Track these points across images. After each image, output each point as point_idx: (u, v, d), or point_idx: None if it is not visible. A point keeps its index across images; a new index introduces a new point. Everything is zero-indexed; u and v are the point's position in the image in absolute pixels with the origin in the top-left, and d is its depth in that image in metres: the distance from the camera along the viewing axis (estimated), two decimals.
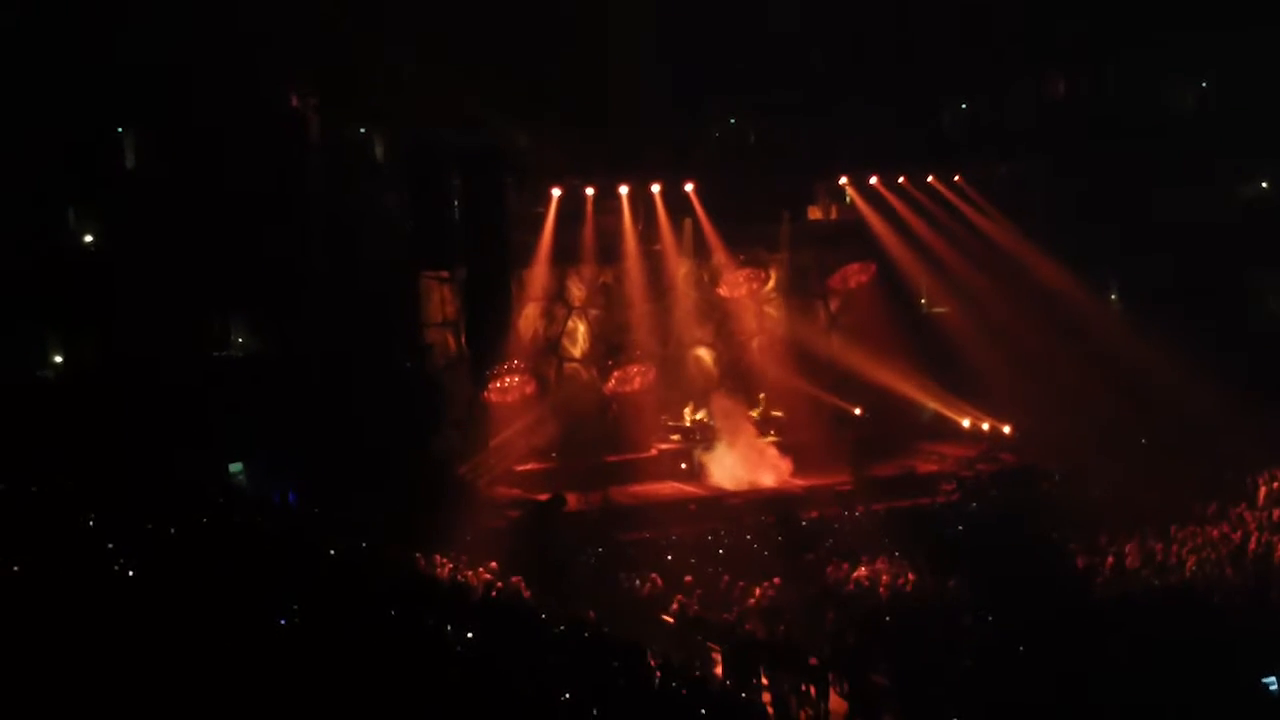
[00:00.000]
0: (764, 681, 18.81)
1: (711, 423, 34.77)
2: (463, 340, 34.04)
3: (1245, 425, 30.81)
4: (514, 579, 24.47)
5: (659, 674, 16.44)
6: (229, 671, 11.83)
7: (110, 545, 15.90)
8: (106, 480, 21.92)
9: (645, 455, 34.60)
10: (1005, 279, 36.41)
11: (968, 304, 37.30)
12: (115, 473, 23.06)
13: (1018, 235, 36.55)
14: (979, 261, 36.73)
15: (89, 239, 30.60)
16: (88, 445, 24.26)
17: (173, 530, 18.07)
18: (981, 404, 35.79)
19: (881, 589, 23.73)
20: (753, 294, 37.81)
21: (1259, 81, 34.79)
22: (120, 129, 30.43)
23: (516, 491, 31.74)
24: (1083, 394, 33.78)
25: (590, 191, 33.72)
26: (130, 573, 14.76)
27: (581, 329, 36.53)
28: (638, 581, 24.63)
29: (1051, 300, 36.07)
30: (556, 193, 33.38)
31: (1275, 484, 29.57)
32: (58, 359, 30.22)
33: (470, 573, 24.20)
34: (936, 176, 36.57)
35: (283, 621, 13.96)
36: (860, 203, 36.71)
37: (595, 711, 14.11)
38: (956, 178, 36.72)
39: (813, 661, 18.82)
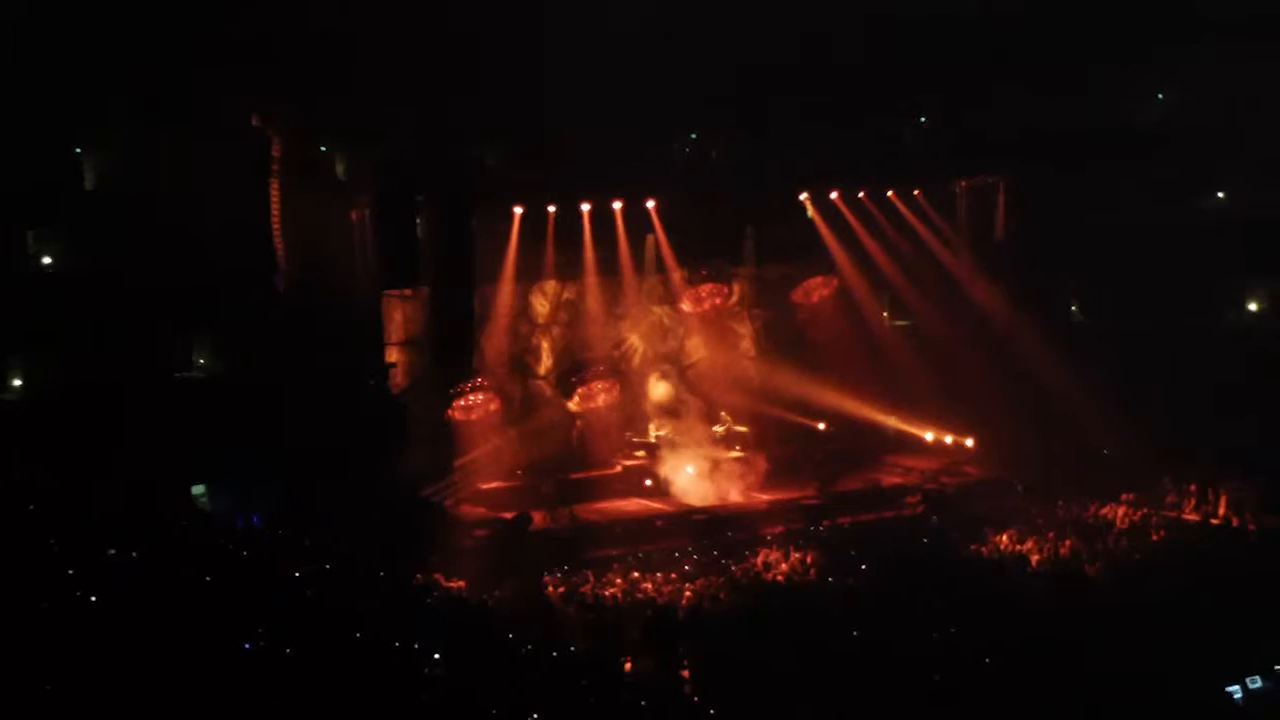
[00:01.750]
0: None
1: (676, 439, 34.74)
2: (427, 359, 33.93)
3: (1212, 434, 31.08)
4: (481, 598, 24.40)
5: (629, 691, 16.40)
6: (194, 698, 11.73)
7: (71, 571, 15.72)
8: (68, 504, 21.71)
9: (611, 472, 34.60)
10: (965, 294, 36.68)
11: (929, 318, 37.54)
12: (77, 496, 22.86)
13: (978, 250, 36.82)
14: (939, 276, 36.98)
15: (48, 260, 30.37)
16: (49, 468, 24.02)
17: (135, 554, 17.89)
18: (944, 417, 35.92)
19: (844, 603, 23.77)
20: (716, 309, 37.92)
21: (1219, 94, 35.19)
22: (79, 150, 30.23)
23: (482, 510, 31.67)
24: (1043, 407, 33.97)
25: (552, 209, 33.72)
26: (92, 598, 14.60)
27: (545, 346, 36.54)
28: (607, 591, 24.70)
29: (1012, 314, 36.31)
30: (519, 210, 33.36)
31: (1236, 493, 29.87)
32: (17, 382, 29.95)
33: (437, 593, 24.09)
34: (896, 192, 36.73)
35: (247, 646, 13.84)
36: (821, 218, 36.80)
37: None
38: (916, 193, 36.87)
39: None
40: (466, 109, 30.94)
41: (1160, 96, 38.31)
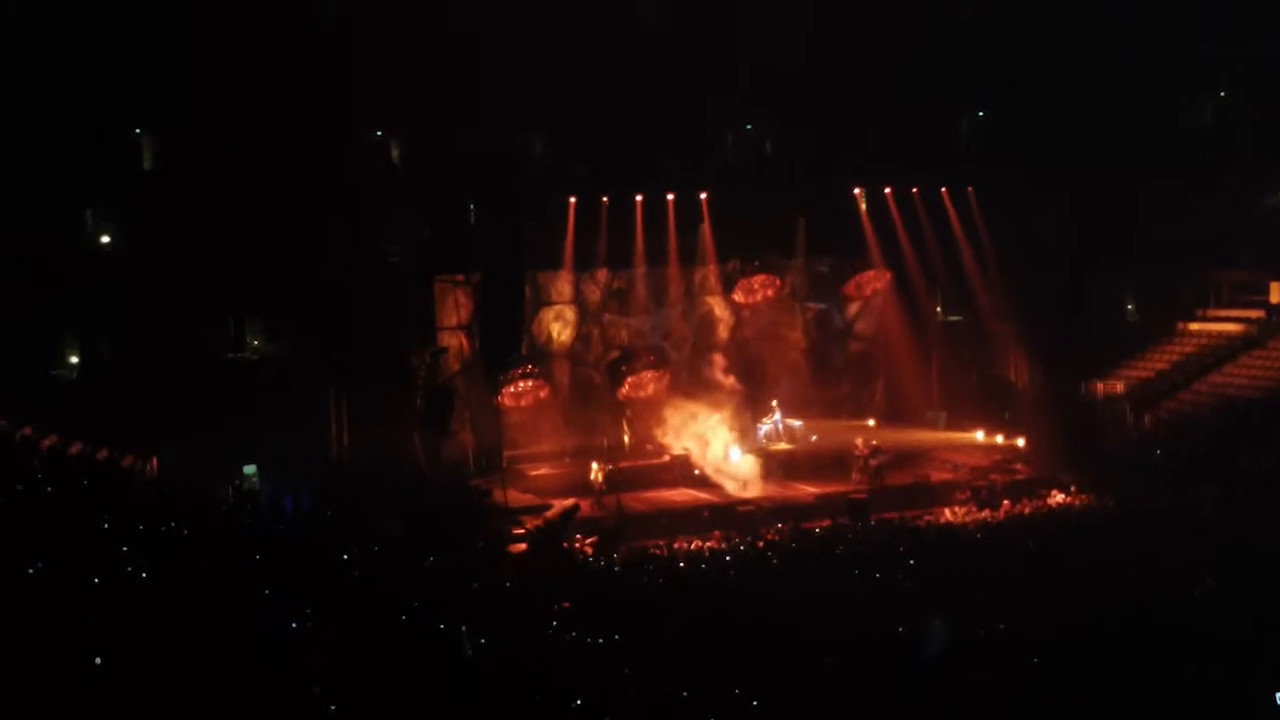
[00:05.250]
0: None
1: (725, 430, 34.72)
2: (477, 344, 34.10)
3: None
4: (526, 584, 24.48)
5: (669, 682, 16.40)
6: (241, 675, 11.85)
7: (124, 548, 15.92)
8: (121, 481, 21.99)
9: (658, 461, 34.57)
10: (1017, 292, 36.43)
11: (982, 315, 37.34)
12: (129, 474, 23.15)
13: (1031, 248, 36.52)
14: (990, 274, 36.76)
15: (106, 240, 30.74)
16: (102, 446, 24.34)
17: (186, 533, 18.10)
18: (995, 414, 35.69)
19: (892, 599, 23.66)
20: (767, 300, 37.78)
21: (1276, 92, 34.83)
22: (137, 130, 30.57)
23: (530, 497, 31.75)
24: (1094, 406, 33.73)
25: (605, 199, 33.76)
26: (143, 575, 14.78)
27: (596, 334, 36.61)
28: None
29: (1065, 313, 36.06)
30: (572, 199, 33.42)
31: None
32: (74, 359, 30.35)
33: (482, 578, 24.19)
34: (949, 187, 36.52)
35: (294, 625, 13.97)
36: (875, 212, 36.65)
37: (606, 718, 14.11)
38: (969, 189, 36.63)
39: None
40: (520, 97, 31.03)
41: (1221, 94, 37.91)
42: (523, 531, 28.61)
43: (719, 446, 34.09)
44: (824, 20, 32.52)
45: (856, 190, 36.48)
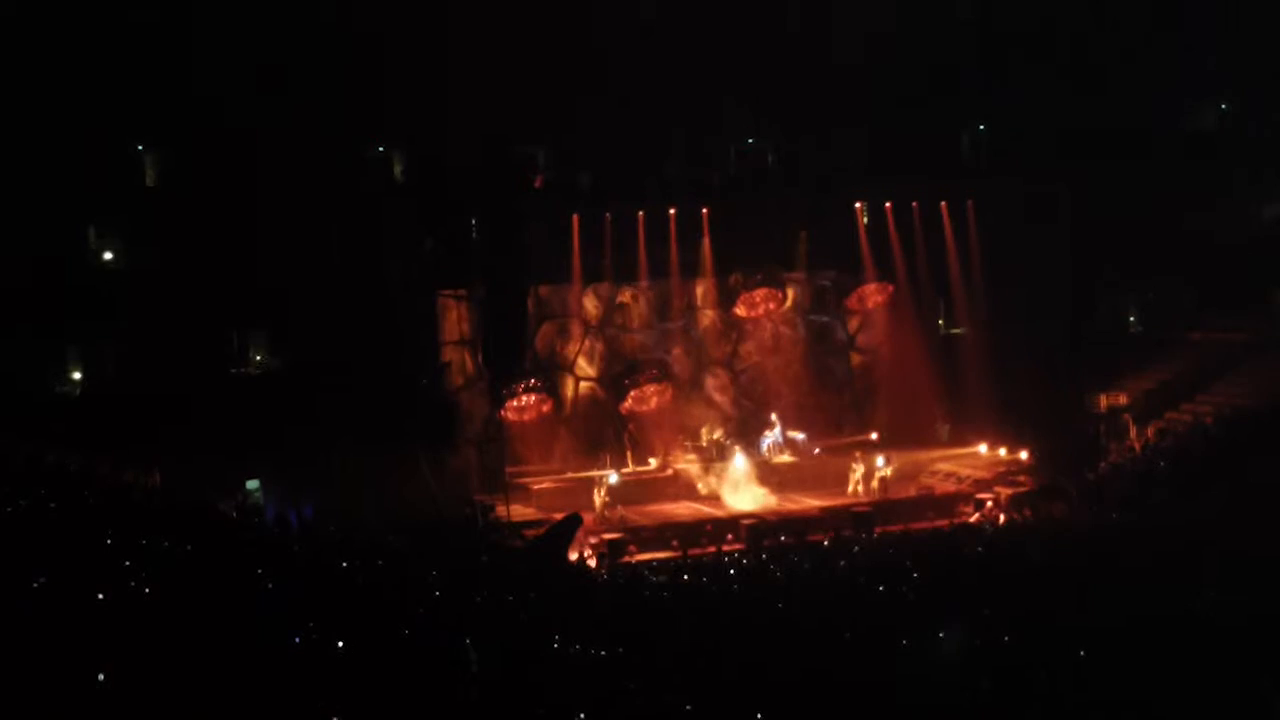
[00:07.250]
0: None
1: (728, 443, 34.73)
2: (480, 359, 34.10)
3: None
4: (528, 596, 24.43)
5: (673, 694, 16.36)
6: (242, 690, 11.83)
7: (127, 562, 15.92)
8: (123, 496, 21.98)
9: (662, 475, 34.57)
10: (1017, 303, 36.40)
11: (982, 327, 37.31)
12: (132, 489, 23.14)
13: (1031, 259, 36.48)
14: (993, 284, 36.73)
15: (109, 255, 30.79)
16: (105, 461, 24.35)
17: (189, 547, 18.09)
18: (998, 426, 35.65)
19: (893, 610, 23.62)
20: (770, 314, 37.77)
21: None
22: (140, 147, 30.64)
23: (532, 510, 31.75)
24: (1097, 417, 33.67)
25: (608, 213, 33.81)
26: (146, 590, 14.77)
27: (598, 348, 36.59)
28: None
29: (1067, 322, 36.04)
30: (575, 214, 33.46)
31: None
32: (76, 375, 30.37)
33: (485, 591, 24.15)
34: (950, 199, 36.53)
35: (297, 640, 13.95)
36: (876, 224, 36.66)
37: None
38: (969, 201, 36.64)
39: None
40: (522, 111, 31.11)
41: (1223, 107, 37.95)
42: (523, 544, 28.66)
43: (722, 460, 34.10)
44: (826, 33, 32.59)
45: (858, 204, 36.51)
